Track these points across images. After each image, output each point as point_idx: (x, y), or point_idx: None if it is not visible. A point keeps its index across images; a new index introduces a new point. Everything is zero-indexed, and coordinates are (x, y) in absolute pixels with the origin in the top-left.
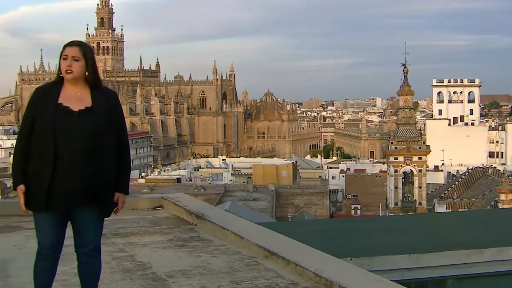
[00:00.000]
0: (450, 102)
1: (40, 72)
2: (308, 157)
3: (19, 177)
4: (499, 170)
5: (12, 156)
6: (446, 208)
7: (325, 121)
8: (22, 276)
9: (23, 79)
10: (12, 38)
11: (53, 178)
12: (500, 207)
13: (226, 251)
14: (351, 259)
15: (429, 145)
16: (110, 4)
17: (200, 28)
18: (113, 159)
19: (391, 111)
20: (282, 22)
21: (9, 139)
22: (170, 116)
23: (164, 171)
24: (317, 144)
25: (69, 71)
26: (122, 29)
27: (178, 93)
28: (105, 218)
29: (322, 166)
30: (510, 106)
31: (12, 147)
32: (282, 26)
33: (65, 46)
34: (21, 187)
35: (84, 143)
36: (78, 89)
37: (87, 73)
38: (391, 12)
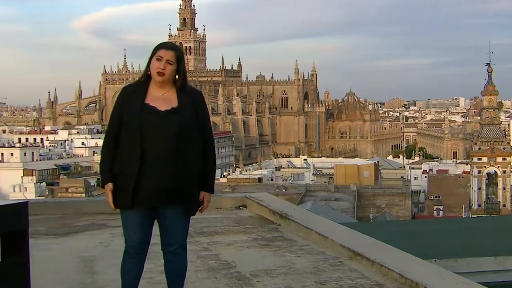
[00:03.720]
0: None
1: (123, 72)
2: (390, 157)
3: (107, 175)
4: None
5: (100, 154)
6: None
7: (407, 121)
8: (108, 273)
9: (106, 79)
10: (96, 39)
11: (139, 176)
12: None
13: (310, 251)
14: (435, 260)
15: None
16: (192, 4)
17: (281, 28)
18: (199, 158)
19: (474, 111)
20: (364, 22)
21: (93, 138)
22: (251, 115)
23: (246, 170)
24: (399, 144)
25: (161, 73)
26: (204, 29)
27: (260, 92)
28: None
29: (404, 166)
30: None
31: (95, 146)
32: (364, 26)
33: (160, 47)
34: (109, 185)
35: (170, 142)
36: (164, 90)
37: (176, 76)
38: (475, 11)
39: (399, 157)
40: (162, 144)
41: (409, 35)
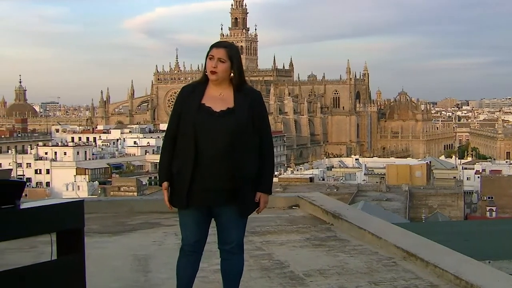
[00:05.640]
0: None
1: (175, 71)
2: (442, 157)
3: (164, 175)
4: None
5: (160, 153)
6: None
7: (460, 121)
8: (162, 271)
9: (158, 79)
10: (149, 39)
11: (194, 176)
12: None
13: (363, 251)
14: (489, 262)
15: None
16: (244, 4)
17: (333, 27)
18: (254, 159)
19: None
20: (416, 21)
21: (145, 137)
22: (303, 115)
23: (297, 170)
24: (452, 144)
25: (214, 72)
26: (255, 29)
27: (311, 92)
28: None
29: (456, 166)
30: None
31: (148, 146)
32: (417, 25)
33: (213, 46)
34: (164, 184)
35: (224, 143)
36: (221, 89)
37: (232, 75)
38: None
39: (451, 157)
40: (216, 144)
41: (462, 34)
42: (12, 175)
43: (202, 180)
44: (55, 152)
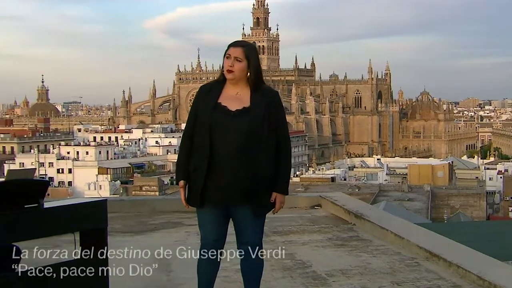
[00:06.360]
0: None
1: (197, 71)
2: (464, 157)
3: (181, 173)
4: None
5: (178, 152)
6: None
7: (482, 121)
8: (184, 271)
9: (180, 79)
10: (170, 39)
11: (209, 175)
12: None
13: (386, 251)
14: None
15: None
16: (266, 4)
17: (354, 27)
18: (270, 159)
19: None
20: (438, 21)
21: (166, 137)
22: (325, 115)
23: (319, 170)
24: (474, 144)
25: (230, 71)
26: (277, 29)
27: (333, 92)
28: (267, 215)
29: (479, 166)
30: None
31: (169, 145)
32: (439, 25)
33: (230, 45)
34: (181, 183)
35: (238, 142)
36: (238, 88)
37: (249, 74)
38: None
39: (473, 157)
40: (231, 143)
41: (484, 34)
42: (34, 175)
43: (217, 179)
44: (77, 152)
